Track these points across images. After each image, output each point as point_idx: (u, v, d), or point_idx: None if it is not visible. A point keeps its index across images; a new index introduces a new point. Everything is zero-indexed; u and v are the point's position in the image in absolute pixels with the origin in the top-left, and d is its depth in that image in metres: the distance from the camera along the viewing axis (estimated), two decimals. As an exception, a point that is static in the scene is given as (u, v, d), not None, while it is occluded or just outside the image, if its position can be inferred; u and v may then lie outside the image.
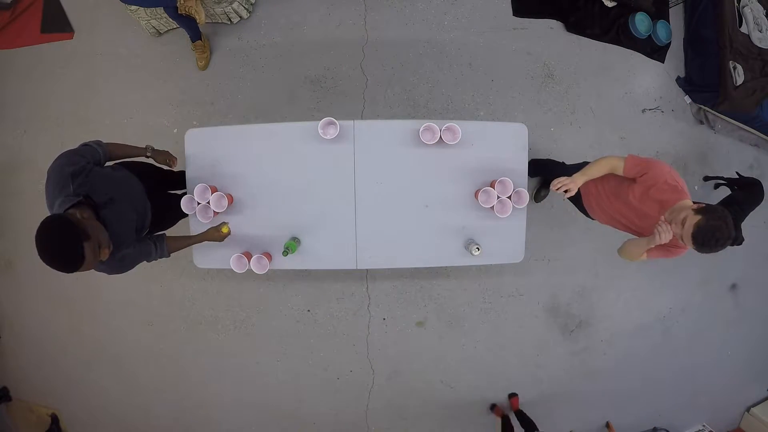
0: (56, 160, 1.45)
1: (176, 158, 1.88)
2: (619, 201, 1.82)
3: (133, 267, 1.60)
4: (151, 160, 1.86)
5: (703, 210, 1.43)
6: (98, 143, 1.59)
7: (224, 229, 1.82)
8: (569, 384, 3.20)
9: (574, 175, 1.73)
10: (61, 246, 1.20)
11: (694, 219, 1.42)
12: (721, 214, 1.41)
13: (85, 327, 3.02)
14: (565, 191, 1.69)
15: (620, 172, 1.71)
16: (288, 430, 3.11)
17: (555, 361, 3.14)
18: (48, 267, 1.21)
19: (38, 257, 1.19)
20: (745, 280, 3.45)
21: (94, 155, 1.54)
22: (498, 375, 3.09)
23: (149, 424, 3.15)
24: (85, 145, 1.56)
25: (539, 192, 2.88)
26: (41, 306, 3.03)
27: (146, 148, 1.78)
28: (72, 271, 1.23)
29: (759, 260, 3.44)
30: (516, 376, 3.11)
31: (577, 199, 2.15)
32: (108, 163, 1.71)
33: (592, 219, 2.15)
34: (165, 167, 1.89)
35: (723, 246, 1.41)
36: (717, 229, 1.39)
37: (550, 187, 1.73)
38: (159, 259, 1.74)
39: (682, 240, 1.46)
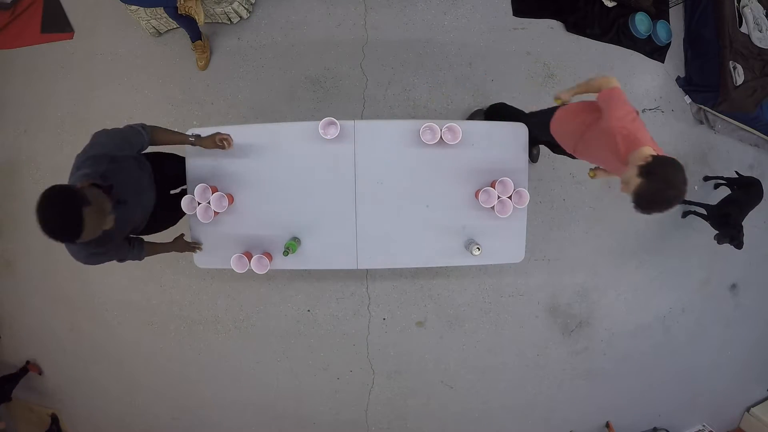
0: (105, 134, 1.40)
1: (228, 135, 1.76)
2: (584, 140, 1.73)
3: (100, 264, 1.53)
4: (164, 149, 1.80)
5: (644, 172, 1.28)
6: (143, 126, 1.54)
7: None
8: (569, 384, 3.20)
9: (571, 91, 1.77)
10: (62, 212, 1.14)
11: (635, 183, 1.29)
12: (662, 174, 1.26)
13: (85, 327, 3.02)
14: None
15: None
16: (288, 430, 3.11)
17: (555, 361, 3.14)
18: (58, 250, 1.17)
19: (42, 243, 1.15)
20: (745, 280, 3.45)
21: (139, 142, 1.50)
22: (498, 375, 3.09)
23: (149, 424, 3.15)
24: (130, 127, 1.50)
25: (531, 151, 2.62)
26: (41, 305, 3.03)
27: (191, 136, 1.74)
28: (75, 239, 1.17)
29: (759, 260, 3.45)
30: (516, 376, 3.11)
31: (551, 142, 2.02)
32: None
33: (573, 156, 1.97)
34: (220, 149, 1.77)
35: (671, 205, 1.28)
36: (657, 192, 1.26)
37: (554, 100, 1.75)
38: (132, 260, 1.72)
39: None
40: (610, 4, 3.02)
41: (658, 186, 1.26)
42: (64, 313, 3.01)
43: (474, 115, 2.76)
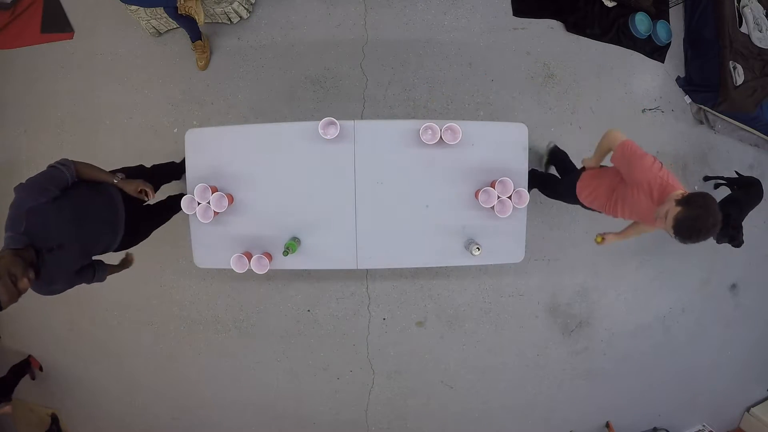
0: (22, 190, 1.45)
1: (152, 188, 1.75)
2: (616, 196, 1.80)
3: (65, 291, 1.64)
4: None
5: (684, 200, 1.38)
6: (64, 163, 1.56)
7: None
8: (569, 384, 3.20)
9: (593, 160, 1.88)
10: None
11: (674, 211, 1.37)
12: (702, 201, 1.35)
13: (85, 327, 3.02)
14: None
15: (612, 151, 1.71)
16: (288, 430, 3.11)
17: (555, 361, 3.14)
18: None
19: None
20: (745, 280, 3.45)
21: (61, 182, 1.52)
22: (498, 375, 3.09)
23: (149, 424, 3.15)
24: (52, 167, 1.53)
25: (547, 164, 2.81)
26: (41, 306, 3.03)
27: (115, 176, 1.72)
28: None
29: (759, 260, 3.44)
30: (516, 376, 3.11)
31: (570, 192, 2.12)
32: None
33: (588, 208, 2.09)
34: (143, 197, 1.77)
35: (708, 234, 1.36)
36: (697, 218, 1.34)
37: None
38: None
39: (671, 235, 1.42)
40: (610, 4, 3.02)
41: (698, 212, 1.34)
42: (64, 312, 3.01)
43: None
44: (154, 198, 1.83)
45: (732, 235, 2.75)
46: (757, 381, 3.78)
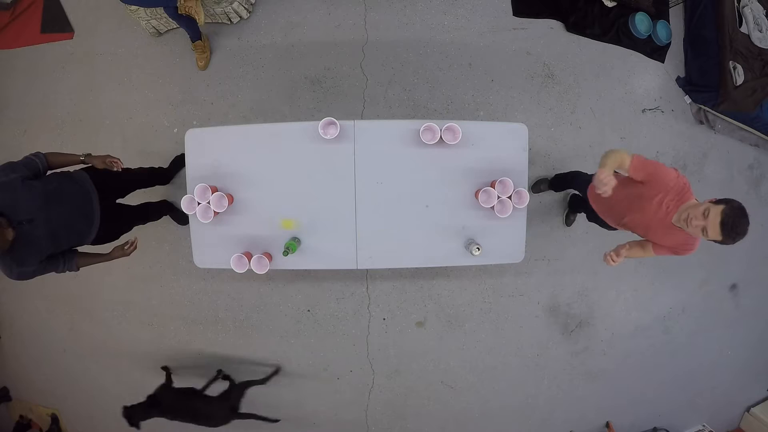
0: None
1: (118, 159, 1.86)
2: (632, 205, 1.80)
3: (35, 277, 1.71)
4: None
5: (723, 201, 1.47)
6: (36, 155, 1.71)
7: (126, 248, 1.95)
8: (569, 384, 3.20)
9: (600, 172, 1.61)
10: None
11: (718, 208, 1.45)
12: (741, 205, 1.47)
13: (85, 327, 3.02)
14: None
15: (626, 168, 1.70)
16: (288, 430, 3.11)
17: (555, 361, 3.14)
18: None
19: None
20: (745, 280, 3.45)
21: (33, 167, 1.67)
22: (498, 375, 3.09)
23: (149, 425, 3.14)
24: (26, 157, 1.69)
25: (569, 217, 2.91)
26: (41, 306, 3.03)
27: (82, 156, 1.83)
28: None
29: (759, 260, 3.44)
30: (516, 376, 3.11)
31: (589, 208, 2.22)
32: (77, 168, 1.85)
33: (609, 228, 2.16)
34: (114, 169, 1.86)
35: (743, 235, 1.46)
36: (742, 217, 1.45)
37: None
38: (68, 272, 1.86)
39: (706, 232, 1.47)
40: (610, 4, 3.02)
41: (737, 213, 1.44)
42: (64, 313, 3.01)
43: (539, 184, 2.81)
44: (121, 167, 1.89)
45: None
46: (757, 381, 3.78)
